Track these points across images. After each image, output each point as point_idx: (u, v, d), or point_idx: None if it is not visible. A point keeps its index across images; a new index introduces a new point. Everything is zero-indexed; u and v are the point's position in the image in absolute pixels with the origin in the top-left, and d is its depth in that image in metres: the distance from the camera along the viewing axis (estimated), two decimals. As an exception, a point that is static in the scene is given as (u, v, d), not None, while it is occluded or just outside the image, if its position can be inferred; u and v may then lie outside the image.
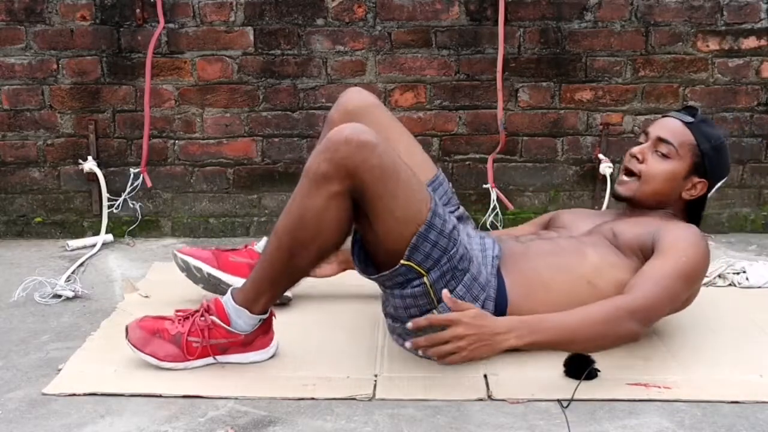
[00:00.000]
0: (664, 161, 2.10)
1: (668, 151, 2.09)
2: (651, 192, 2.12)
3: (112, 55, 3.07)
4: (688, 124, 2.10)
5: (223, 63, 3.09)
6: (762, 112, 3.19)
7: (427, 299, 1.88)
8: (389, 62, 3.10)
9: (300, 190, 1.82)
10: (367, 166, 1.76)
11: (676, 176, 2.10)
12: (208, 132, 3.15)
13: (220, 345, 1.93)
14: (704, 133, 2.10)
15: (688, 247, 1.95)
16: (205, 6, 3.04)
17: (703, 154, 2.09)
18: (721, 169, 2.15)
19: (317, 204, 1.78)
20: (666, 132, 2.10)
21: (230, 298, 1.92)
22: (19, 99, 3.09)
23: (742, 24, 3.11)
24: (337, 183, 1.77)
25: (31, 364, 1.99)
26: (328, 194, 1.78)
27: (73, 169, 3.14)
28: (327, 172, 1.77)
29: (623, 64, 3.13)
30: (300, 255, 1.85)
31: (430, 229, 1.82)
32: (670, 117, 2.14)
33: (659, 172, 2.10)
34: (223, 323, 1.92)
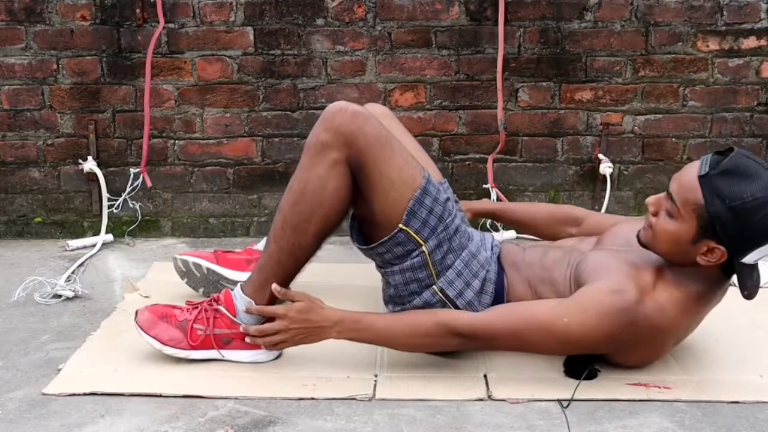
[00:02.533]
0: (668, 220, 1.78)
1: (672, 210, 1.77)
2: (660, 251, 1.85)
3: (112, 55, 3.07)
4: (701, 177, 1.72)
5: (223, 63, 3.09)
6: (762, 112, 3.19)
7: (427, 272, 1.93)
8: (389, 62, 3.10)
9: (301, 164, 1.90)
10: (363, 132, 1.86)
11: (680, 239, 1.77)
12: (208, 132, 3.15)
13: (223, 336, 1.94)
14: (717, 190, 1.69)
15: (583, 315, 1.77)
16: (205, 6, 3.04)
17: (711, 216, 1.70)
18: (747, 237, 1.70)
19: (318, 174, 1.86)
20: (674, 185, 1.78)
21: (239, 289, 1.96)
22: (19, 99, 3.09)
23: (742, 24, 3.10)
24: (337, 150, 1.86)
25: (31, 364, 1.99)
26: (328, 163, 1.86)
27: (73, 169, 3.14)
28: (326, 141, 1.87)
29: (623, 64, 3.13)
30: (304, 230, 1.90)
31: (425, 194, 1.87)
32: (692, 167, 1.77)
33: (662, 231, 1.80)
34: (229, 313, 1.94)
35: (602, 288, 1.80)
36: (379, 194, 1.88)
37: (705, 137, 3.19)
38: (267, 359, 1.98)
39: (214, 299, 1.98)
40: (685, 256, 1.79)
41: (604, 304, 1.77)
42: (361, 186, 1.90)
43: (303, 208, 1.89)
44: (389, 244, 1.92)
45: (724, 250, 1.73)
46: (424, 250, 1.91)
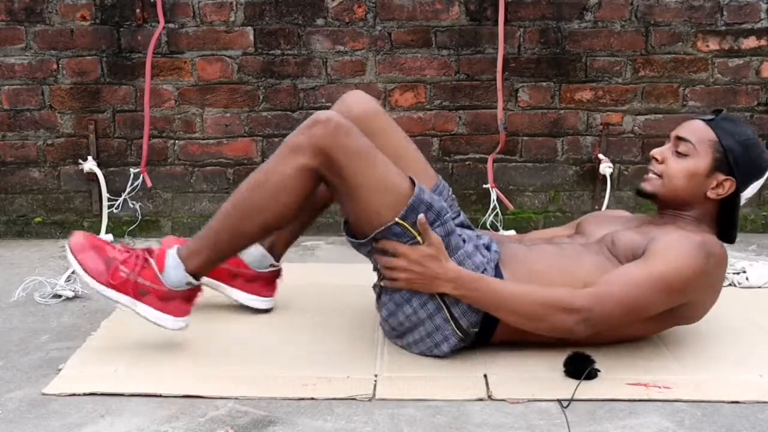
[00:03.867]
0: (682, 159, 2.01)
1: (686, 149, 2.00)
2: (673, 191, 2.03)
3: (112, 55, 3.07)
4: (708, 121, 2.02)
5: (223, 63, 3.09)
6: (762, 112, 3.19)
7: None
8: (389, 62, 3.10)
9: (272, 156, 1.93)
10: (341, 145, 1.86)
11: (696, 173, 1.99)
12: (208, 132, 3.15)
13: (143, 287, 1.96)
14: (727, 130, 2.00)
15: (677, 257, 1.88)
16: (205, 6, 3.04)
17: (725, 149, 1.97)
18: (752, 167, 2.00)
19: (284, 171, 1.89)
20: (684, 131, 2.03)
21: (175, 250, 1.98)
22: (19, 99, 3.09)
23: (742, 24, 3.11)
24: (308, 158, 1.87)
25: (31, 364, 1.99)
26: (296, 165, 1.88)
27: (73, 169, 3.14)
28: (301, 146, 1.88)
29: (623, 64, 3.13)
30: (251, 219, 1.93)
31: (420, 194, 1.88)
32: (694, 119, 2.07)
33: (678, 170, 2.01)
34: (157, 268, 1.96)
35: (682, 233, 1.95)
36: (361, 203, 1.90)
37: (705, 137, 3.19)
38: (171, 327, 1.99)
39: (148, 251, 2.00)
40: (698, 189, 2.01)
41: (693, 243, 1.90)
42: (341, 195, 1.93)
43: (258, 197, 1.91)
44: (384, 232, 1.89)
45: (733, 180, 1.98)
46: (419, 240, 1.88)
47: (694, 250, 1.89)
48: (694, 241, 1.91)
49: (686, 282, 1.88)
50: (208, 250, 1.97)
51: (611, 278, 1.90)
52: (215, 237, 1.97)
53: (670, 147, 2.05)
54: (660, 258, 1.88)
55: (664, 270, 1.86)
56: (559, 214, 3.24)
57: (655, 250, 1.90)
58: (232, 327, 2.20)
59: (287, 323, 2.24)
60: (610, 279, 1.89)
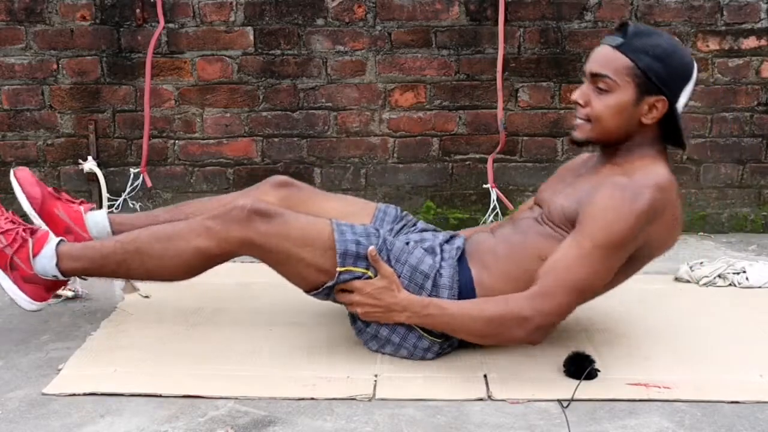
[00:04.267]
0: (605, 97, 1.87)
1: (606, 85, 1.86)
2: (605, 131, 1.90)
3: (112, 55, 3.07)
4: (617, 47, 1.86)
5: (223, 63, 3.09)
6: (762, 112, 3.19)
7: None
8: (389, 62, 3.10)
9: (193, 222, 1.96)
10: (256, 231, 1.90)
11: (624, 107, 1.87)
12: (208, 132, 3.15)
13: (13, 262, 1.99)
14: (639, 48, 1.85)
15: (611, 219, 1.79)
16: (205, 6, 3.04)
17: (645, 71, 1.84)
18: (677, 77, 1.87)
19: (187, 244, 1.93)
20: (597, 65, 1.88)
21: (56, 242, 2.02)
22: (19, 99, 3.09)
23: (742, 24, 3.11)
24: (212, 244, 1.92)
25: (31, 364, 1.99)
26: (198, 246, 1.93)
27: (73, 169, 3.14)
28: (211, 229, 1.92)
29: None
30: (142, 263, 1.98)
31: (342, 234, 1.91)
32: (601, 45, 1.91)
33: (605, 109, 1.87)
34: (33, 251, 1.99)
35: (604, 197, 1.83)
36: (296, 269, 1.95)
37: (705, 137, 3.19)
38: (25, 307, 2.03)
39: (31, 230, 2.03)
40: (631, 121, 1.89)
41: (616, 201, 1.81)
42: (277, 269, 1.97)
43: (157, 250, 1.96)
44: (333, 289, 1.95)
45: (664, 98, 1.86)
46: (370, 275, 1.92)
47: (627, 201, 1.80)
48: (628, 189, 1.81)
49: (629, 235, 1.80)
50: (88, 264, 2.01)
51: (550, 269, 1.83)
52: (101, 259, 2.00)
53: (589, 85, 1.91)
54: (593, 226, 1.81)
55: (601, 237, 1.79)
56: (559, 214, 3.24)
57: (588, 218, 1.83)
58: (232, 327, 2.19)
59: (287, 323, 2.24)
60: (549, 270, 1.82)
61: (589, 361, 1.89)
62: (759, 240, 3.16)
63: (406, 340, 1.95)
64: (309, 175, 3.19)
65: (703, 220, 3.26)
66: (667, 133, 1.94)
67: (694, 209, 3.25)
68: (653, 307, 2.39)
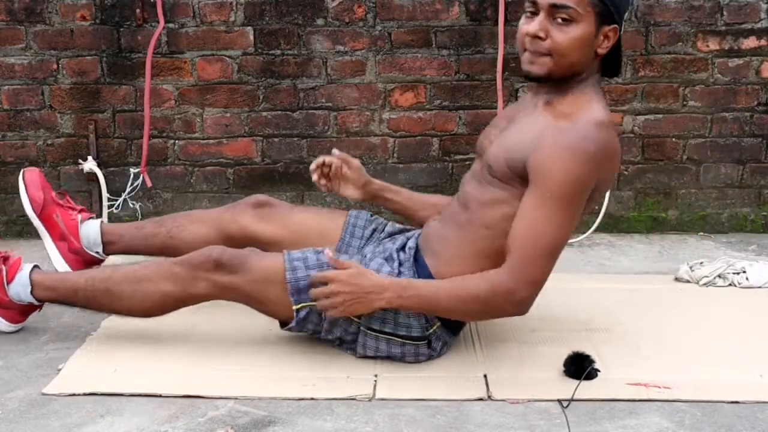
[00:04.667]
0: (568, 28, 1.78)
1: (568, 16, 1.77)
2: (567, 65, 1.82)
3: (112, 55, 3.07)
4: None
5: (223, 63, 3.09)
6: (762, 112, 3.19)
7: (346, 320, 1.95)
8: (389, 62, 3.10)
9: (161, 266, 2.02)
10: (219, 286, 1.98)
11: (587, 39, 1.79)
12: (208, 132, 3.15)
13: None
14: None
15: (566, 169, 1.74)
16: (205, 6, 3.04)
17: (603, 0, 1.78)
18: (625, 2, 1.85)
19: (156, 283, 2.00)
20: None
21: (29, 269, 2.09)
22: (19, 99, 3.09)
23: (742, 24, 3.11)
24: (176, 290, 1.99)
25: (31, 364, 1.99)
26: (165, 290, 1.99)
27: (73, 169, 3.14)
28: (178, 276, 1.98)
29: (623, 64, 3.13)
30: (109, 299, 2.05)
31: (294, 271, 1.94)
32: None
33: (569, 42, 1.79)
34: (7, 278, 2.06)
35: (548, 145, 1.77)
36: (261, 305, 2.01)
37: (705, 137, 3.19)
38: (3, 329, 2.13)
39: (3, 257, 2.09)
40: (590, 52, 1.83)
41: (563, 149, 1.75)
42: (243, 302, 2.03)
43: (127, 291, 2.01)
44: (298, 323, 1.97)
45: (616, 27, 1.82)
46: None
47: (578, 147, 1.75)
48: (575, 132, 1.76)
49: (587, 180, 1.77)
50: (60, 295, 2.09)
51: (520, 237, 1.78)
52: (72, 293, 2.07)
53: (546, 17, 1.80)
54: (549, 180, 1.75)
55: (561, 190, 1.75)
56: (559, 214, 3.24)
57: (542, 173, 1.77)
58: (232, 327, 2.20)
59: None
60: (520, 238, 1.78)
61: (589, 361, 1.89)
62: (759, 240, 3.16)
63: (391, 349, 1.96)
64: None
65: (703, 220, 3.26)
66: (606, 64, 1.90)
67: (694, 209, 3.25)
68: (653, 307, 2.39)
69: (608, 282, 2.65)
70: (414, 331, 1.93)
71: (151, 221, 2.40)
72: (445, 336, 1.99)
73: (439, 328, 1.95)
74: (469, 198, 1.95)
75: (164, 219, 2.37)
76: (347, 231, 2.21)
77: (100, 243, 2.34)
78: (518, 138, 1.85)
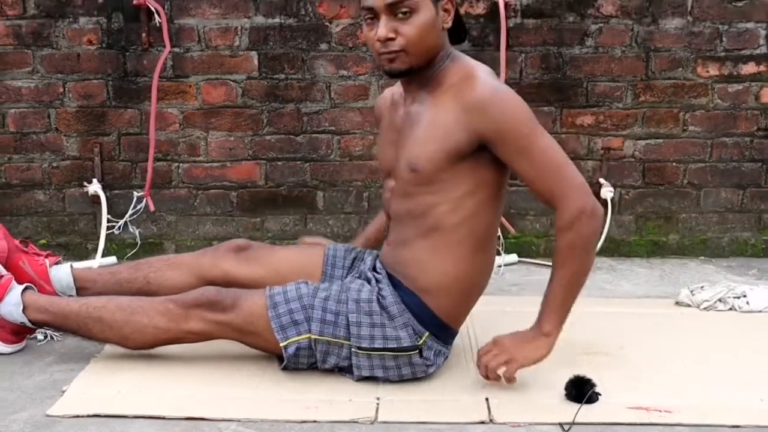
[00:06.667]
0: (412, 20, 1.82)
1: (408, 8, 1.81)
2: (424, 52, 1.86)
3: (118, 78, 3.10)
4: None
5: (227, 87, 3.12)
6: (762, 137, 3.21)
7: (336, 346, 1.97)
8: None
9: (155, 301, 2.04)
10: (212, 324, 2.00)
11: (431, 22, 1.84)
12: (213, 155, 3.17)
13: None
14: None
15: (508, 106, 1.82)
16: (210, 31, 3.08)
17: None
18: None
19: (149, 321, 2.02)
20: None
21: (20, 289, 2.11)
22: (25, 122, 3.12)
23: (741, 50, 3.13)
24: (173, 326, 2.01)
25: (35, 385, 2.00)
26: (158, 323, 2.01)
27: (78, 191, 3.16)
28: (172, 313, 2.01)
29: (624, 89, 3.16)
30: (101, 327, 2.05)
31: (275, 307, 1.97)
32: None
33: (419, 31, 1.83)
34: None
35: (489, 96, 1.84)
36: (255, 342, 2.04)
37: (705, 162, 3.21)
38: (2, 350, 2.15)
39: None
40: (438, 35, 1.88)
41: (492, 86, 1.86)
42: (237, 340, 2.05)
43: (120, 321, 2.03)
44: (289, 359, 1.99)
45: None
46: (313, 338, 1.96)
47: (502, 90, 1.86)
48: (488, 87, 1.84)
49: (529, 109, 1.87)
50: (51, 318, 2.09)
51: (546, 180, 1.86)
52: (63, 318, 2.08)
53: (388, 18, 1.83)
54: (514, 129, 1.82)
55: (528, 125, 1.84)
56: (561, 238, 3.25)
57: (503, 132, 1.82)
58: (235, 349, 2.20)
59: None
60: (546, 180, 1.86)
61: (590, 385, 1.90)
62: (759, 264, 3.17)
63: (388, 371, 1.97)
64: (312, 199, 3.21)
65: (703, 245, 3.27)
66: (451, 33, 1.95)
67: (694, 233, 3.27)
68: (654, 331, 2.40)
69: (609, 306, 2.65)
70: (404, 342, 1.94)
71: (126, 266, 2.33)
72: (437, 345, 1.99)
73: (429, 337, 1.96)
74: (402, 215, 1.99)
75: (140, 264, 2.30)
76: (328, 263, 2.21)
77: (73, 287, 2.27)
78: (434, 130, 1.88)
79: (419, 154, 1.89)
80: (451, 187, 1.89)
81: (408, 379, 1.99)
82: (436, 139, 1.87)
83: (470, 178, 1.89)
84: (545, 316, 1.90)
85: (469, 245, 1.94)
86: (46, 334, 2.29)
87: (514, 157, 1.84)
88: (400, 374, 1.98)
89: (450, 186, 1.89)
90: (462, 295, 2.00)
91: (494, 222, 1.99)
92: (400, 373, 1.98)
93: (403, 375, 1.98)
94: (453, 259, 1.94)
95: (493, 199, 1.94)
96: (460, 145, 1.85)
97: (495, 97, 1.83)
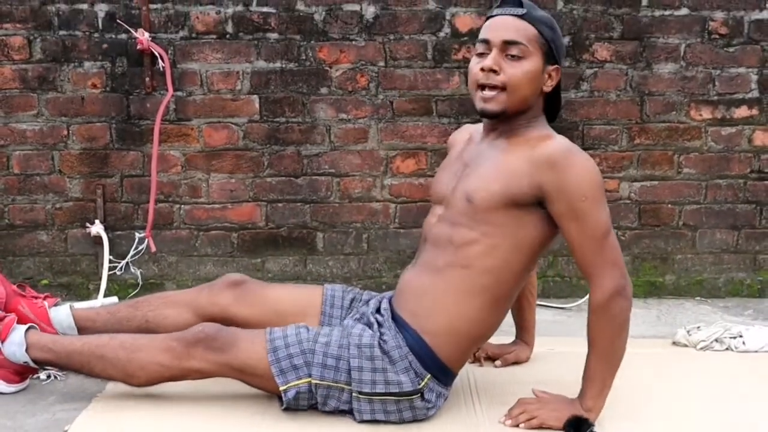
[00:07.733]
0: (520, 63, 1.93)
1: (519, 51, 1.92)
2: (520, 99, 1.95)
3: (122, 121, 3.14)
4: (522, 17, 1.93)
5: (229, 130, 3.17)
6: (755, 179, 3.25)
7: (337, 391, 1.98)
8: (391, 130, 3.18)
9: (156, 338, 2.06)
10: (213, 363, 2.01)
11: (536, 74, 1.95)
12: (214, 197, 3.21)
13: None
14: (539, 19, 1.95)
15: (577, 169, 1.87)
16: (212, 75, 3.13)
17: (548, 41, 1.95)
18: (563, 47, 2.03)
19: (150, 358, 2.03)
20: (510, 33, 1.92)
21: (24, 329, 2.12)
22: (29, 164, 3.15)
23: (733, 94, 3.19)
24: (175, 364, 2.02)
25: (38, 425, 2.01)
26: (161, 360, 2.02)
27: (81, 232, 3.19)
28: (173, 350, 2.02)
29: (619, 132, 3.21)
30: (102, 365, 2.06)
31: (275, 351, 1.98)
32: (501, 16, 1.96)
33: (522, 75, 1.93)
34: (1, 336, 2.10)
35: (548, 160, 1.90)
36: (257, 383, 2.04)
37: (700, 203, 3.25)
38: (4, 390, 2.16)
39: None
40: (538, 89, 1.97)
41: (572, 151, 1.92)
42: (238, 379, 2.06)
43: (122, 359, 2.04)
44: (289, 402, 2.00)
45: (558, 67, 1.99)
46: (314, 382, 1.96)
47: (576, 153, 1.91)
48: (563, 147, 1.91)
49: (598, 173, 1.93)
50: (55, 357, 2.10)
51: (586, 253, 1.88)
52: (66, 357, 2.09)
53: (499, 54, 1.93)
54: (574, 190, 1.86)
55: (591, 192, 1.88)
56: (558, 279, 3.28)
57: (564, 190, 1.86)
58: (237, 387, 2.21)
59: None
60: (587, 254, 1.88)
61: (587, 425, 1.91)
62: (755, 305, 3.19)
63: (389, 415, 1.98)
64: (312, 240, 3.24)
65: (699, 285, 3.29)
66: (549, 105, 2.05)
67: (690, 274, 3.29)
68: (650, 370, 2.41)
69: (607, 346, 2.66)
70: (405, 386, 1.95)
71: (125, 304, 2.35)
72: (438, 387, 2.00)
73: (430, 379, 1.97)
74: (443, 240, 2.02)
75: (139, 302, 2.31)
76: (326, 303, 2.22)
77: (74, 326, 2.29)
78: (499, 171, 1.94)
79: (479, 187, 1.95)
80: (495, 231, 1.93)
81: (409, 421, 2.00)
82: (499, 179, 1.92)
83: (515, 230, 1.93)
84: (586, 392, 1.94)
85: (490, 295, 1.96)
86: (49, 374, 2.30)
87: (565, 216, 1.88)
88: (402, 417, 1.98)
89: (494, 229, 1.93)
90: (469, 342, 2.02)
91: (519, 281, 2.01)
92: (402, 416, 1.98)
93: (405, 418, 1.99)
94: (471, 306, 1.96)
95: (526, 258, 1.97)
96: (519, 191, 1.90)
97: (566, 155, 1.89)
